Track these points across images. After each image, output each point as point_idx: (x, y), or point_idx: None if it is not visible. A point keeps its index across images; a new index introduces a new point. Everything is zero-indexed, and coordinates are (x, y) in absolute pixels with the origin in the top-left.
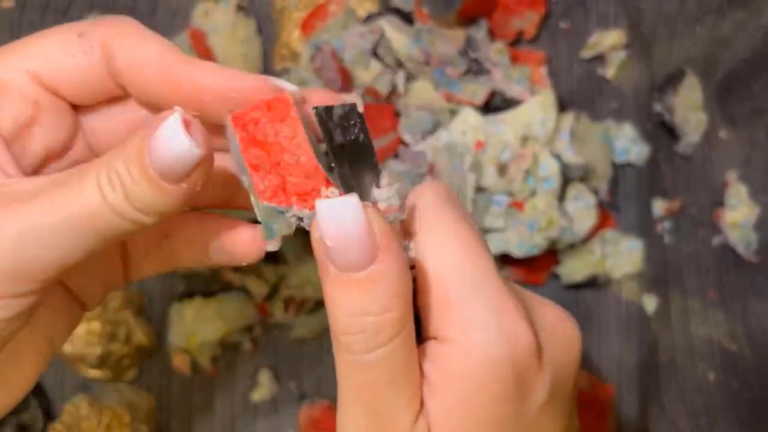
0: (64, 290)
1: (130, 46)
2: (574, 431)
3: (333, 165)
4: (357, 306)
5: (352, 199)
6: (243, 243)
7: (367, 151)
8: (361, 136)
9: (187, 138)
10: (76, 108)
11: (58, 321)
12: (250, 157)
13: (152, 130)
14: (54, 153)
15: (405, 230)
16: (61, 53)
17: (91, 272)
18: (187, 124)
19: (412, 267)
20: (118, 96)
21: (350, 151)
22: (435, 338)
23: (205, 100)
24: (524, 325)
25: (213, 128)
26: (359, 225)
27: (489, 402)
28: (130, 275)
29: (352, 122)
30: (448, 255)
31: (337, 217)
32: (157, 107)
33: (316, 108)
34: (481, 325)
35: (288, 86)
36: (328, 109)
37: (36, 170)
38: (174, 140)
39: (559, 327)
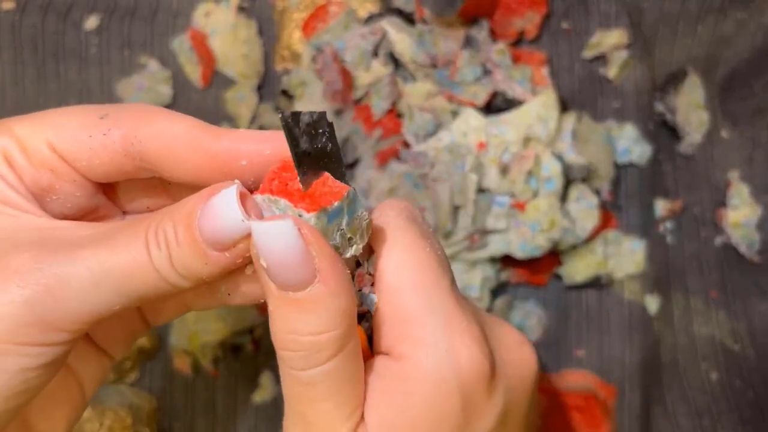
0: (90, 341)
1: (158, 128)
2: None
3: (297, 172)
4: (295, 325)
5: (287, 222)
6: (256, 282)
7: (334, 160)
8: (329, 145)
9: (240, 210)
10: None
11: (88, 371)
12: (291, 199)
13: (205, 197)
14: (74, 217)
15: (367, 246)
16: (79, 130)
17: (113, 324)
18: (243, 198)
19: (372, 283)
20: (137, 177)
21: (315, 160)
22: (386, 353)
23: (241, 165)
24: (475, 348)
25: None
26: (294, 248)
27: (431, 422)
28: (148, 322)
29: (320, 130)
30: (405, 273)
31: (272, 239)
32: (187, 184)
33: (282, 113)
34: (430, 346)
35: None
36: (296, 115)
37: None
38: (227, 210)
39: (516, 352)
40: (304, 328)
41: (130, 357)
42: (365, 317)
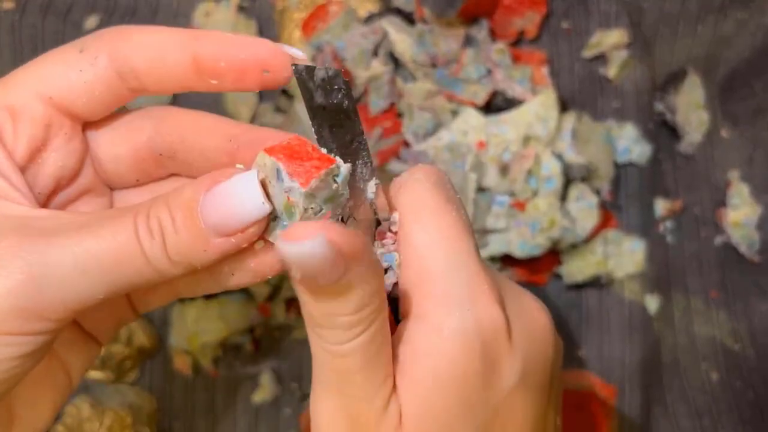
0: (78, 327)
1: (143, 41)
2: (552, 425)
3: (312, 125)
4: (329, 308)
5: (318, 240)
6: (266, 257)
7: (351, 117)
8: (345, 102)
9: (261, 194)
10: (85, 132)
11: (75, 357)
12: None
13: (208, 184)
14: (64, 180)
15: (390, 204)
16: (67, 70)
17: (100, 309)
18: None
19: (394, 241)
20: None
21: (332, 115)
22: (408, 313)
23: (220, 66)
24: (496, 307)
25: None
26: (326, 259)
27: (457, 379)
28: (137, 308)
29: (335, 87)
30: (431, 235)
31: (304, 258)
32: (170, 92)
33: (295, 66)
34: (454, 303)
35: (299, 54)
36: (310, 69)
37: (47, 198)
38: (248, 194)
39: (534, 316)
40: (338, 311)
41: (130, 357)
42: (385, 273)
